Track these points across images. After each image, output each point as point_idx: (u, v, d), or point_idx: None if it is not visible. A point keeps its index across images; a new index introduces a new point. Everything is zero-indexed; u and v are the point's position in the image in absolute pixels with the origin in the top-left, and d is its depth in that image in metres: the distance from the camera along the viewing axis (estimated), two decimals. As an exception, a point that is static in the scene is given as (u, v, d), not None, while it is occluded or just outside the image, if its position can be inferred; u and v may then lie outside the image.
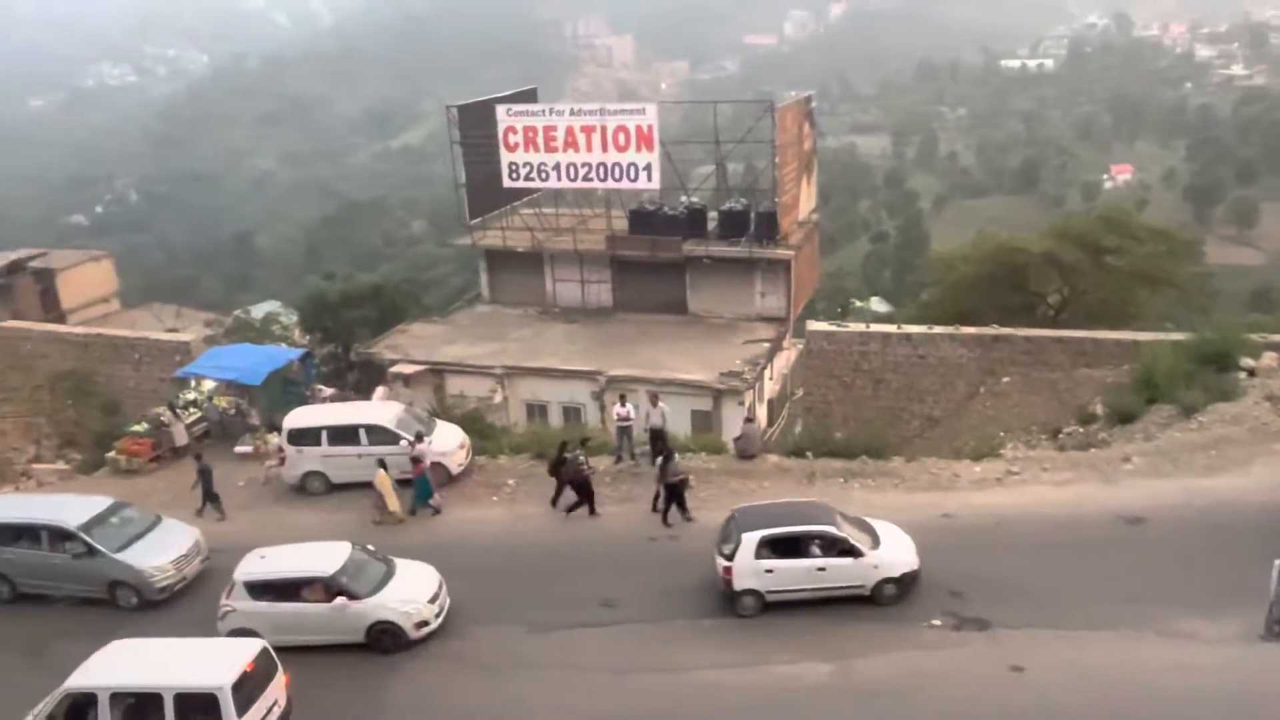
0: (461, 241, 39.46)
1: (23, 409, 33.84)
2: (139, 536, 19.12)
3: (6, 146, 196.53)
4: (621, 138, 34.00)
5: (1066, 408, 26.94)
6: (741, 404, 29.13)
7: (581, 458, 20.64)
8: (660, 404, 22.90)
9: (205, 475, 22.20)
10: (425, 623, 16.63)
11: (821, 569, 16.44)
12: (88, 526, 18.87)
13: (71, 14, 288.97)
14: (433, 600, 16.87)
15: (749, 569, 16.45)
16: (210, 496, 22.24)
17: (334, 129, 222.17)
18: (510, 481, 22.70)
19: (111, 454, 25.91)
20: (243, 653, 14.19)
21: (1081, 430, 24.70)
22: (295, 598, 16.60)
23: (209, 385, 27.81)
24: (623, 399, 23.57)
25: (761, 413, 31.30)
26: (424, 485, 21.33)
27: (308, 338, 40.66)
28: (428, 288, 61.73)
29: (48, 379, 35.46)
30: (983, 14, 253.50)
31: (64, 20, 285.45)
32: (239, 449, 25.63)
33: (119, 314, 49.15)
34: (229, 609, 16.78)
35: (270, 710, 14.05)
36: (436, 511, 21.35)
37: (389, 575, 17.10)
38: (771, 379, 33.72)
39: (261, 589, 16.70)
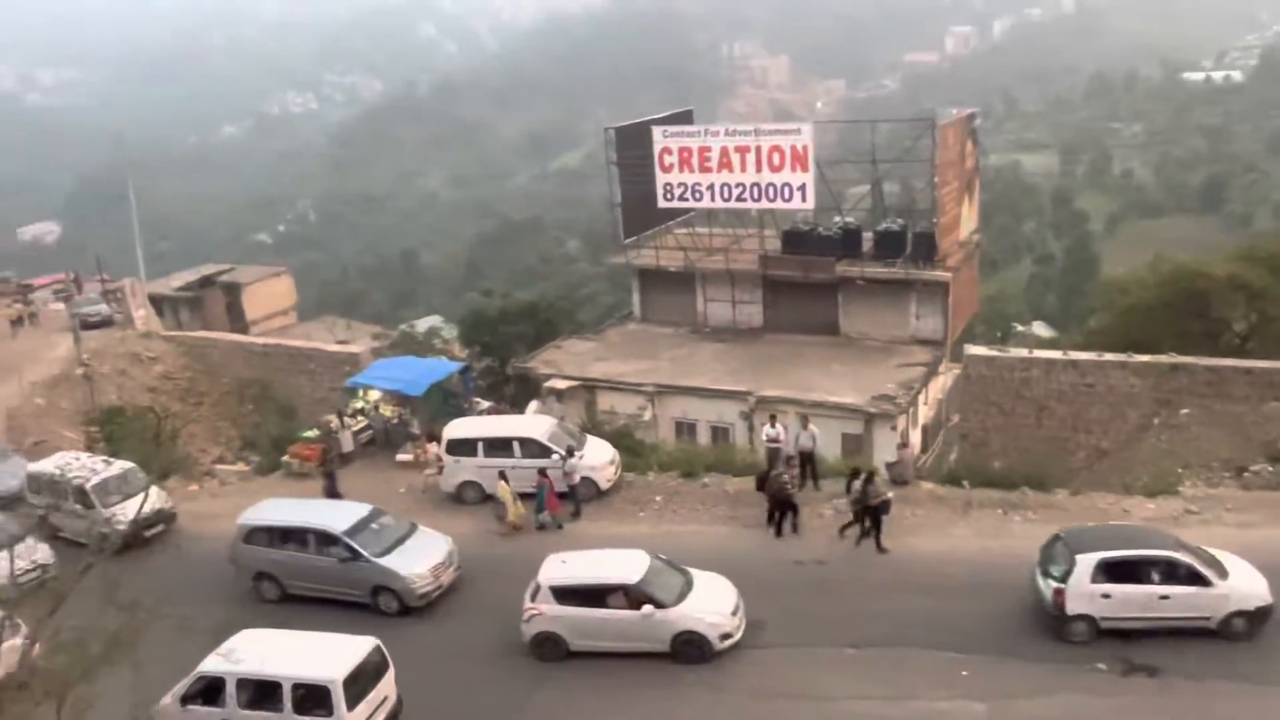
0: (615, 260, 40.12)
1: (210, 413, 36.39)
2: (399, 543, 19.35)
3: (203, 170, 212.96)
4: (776, 158, 33.88)
5: (1253, 444, 25.06)
6: (894, 429, 28.42)
7: (785, 477, 20.30)
8: (811, 426, 22.61)
9: (330, 478, 23.91)
10: (729, 635, 16.51)
11: (1164, 597, 15.65)
12: (352, 531, 19.22)
13: (261, 46, 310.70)
14: (734, 612, 16.76)
15: (1084, 593, 15.77)
16: (333, 496, 23.56)
17: (497, 152, 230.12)
18: (657, 498, 22.85)
19: (285, 458, 27.54)
20: (357, 650, 14.93)
21: (1270, 469, 22.91)
22: (600, 604, 16.63)
23: (375, 395, 29.14)
24: (772, 420, 23.39)
25: (915, 438, 30.41)
26: (543, 497, 21.73)
27: (467, 352, 42.11)
28: (581, 305, 63.08)
29: (232, 386, 38.04)
30: (1162, 25, 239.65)
31: (254, 52, 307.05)
32: (400, 456, 26.81)
33: (296, 326, 52.37)
34: (535, 612, 16.89)
35: (380, 705, 14.83)
36: (559, 526, 21.67)
37: (689, 585, 16.99)
38: (926, 404, 32.74)
39: (567, 594, 16.77)
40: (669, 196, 36.32)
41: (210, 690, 14.84)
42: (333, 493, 23.72)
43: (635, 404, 32.23)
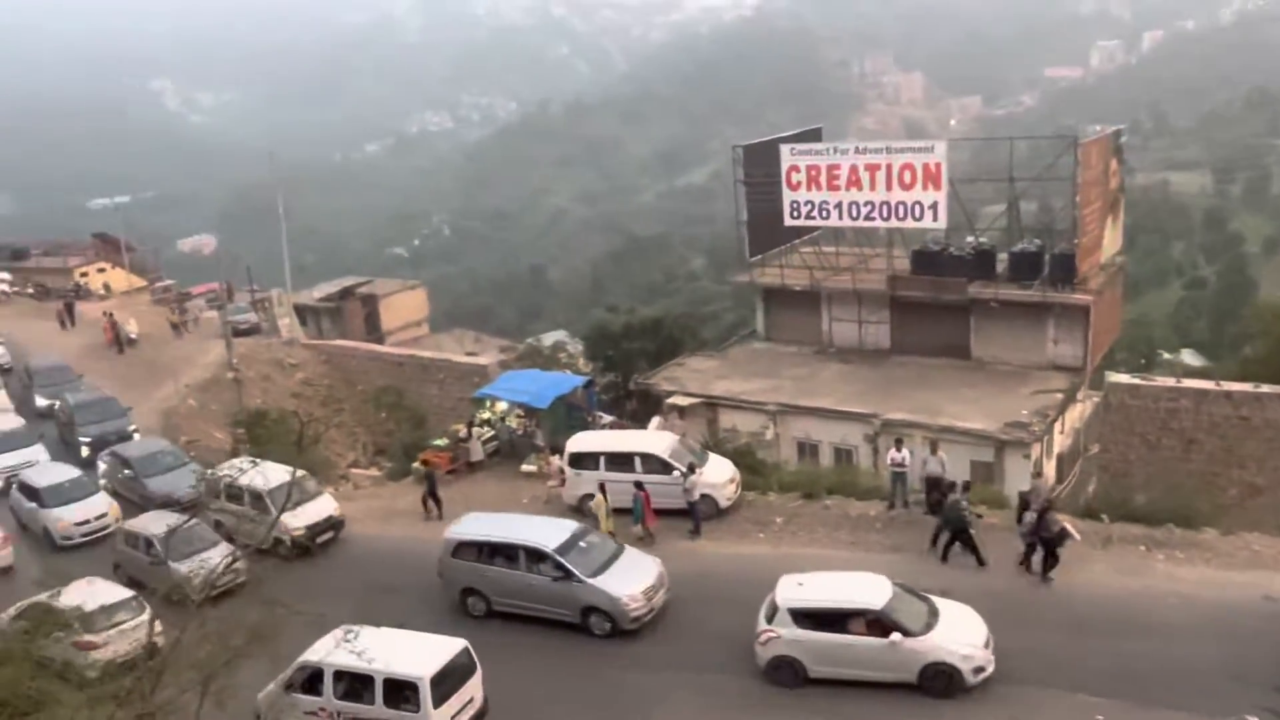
0: (740, 278, 40.01)
1: (348, 419, 37.96)
2: (609, 563, 18.91)
3: (346, 186, 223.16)
4: (907, 176, 33.18)
5: None
6: (1027, 457, 27.33)
7: (964, 504, 19.69)
8: (939, 452, 22.00)
9: (430, 480, 25.27)
10: (982, 668, 15.69)
11: None
12: (563, 549, 18.82)
13: (403, 69, 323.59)
14: (986, 645, 15.97)
15: None
16: (435, 498, 24.93)
17: (624, 169, 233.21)
18: (778, 519, 22.62)
19: (416, 464, 28.45)
20: (445, 649, 15.52)
21: None
22: (842, 629, 15.99)
23: (502, 406, 29.83)
24: (898, 444, 22.87)
25: (1050, 468, 29.17)
26: (639, 511, 21.82)
27: (591, 366, 42.65)
28: (705, 323, 62.96)
29: (368, 393, 39.60)
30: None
31: (396, 74, 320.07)
32: (525, 467, 27.36)
33: (428, 337, 54.16)
34: (772, 635, 16.33)
35: (466, 706, 15.33)
36: (650, 536, 21.68)
37: (935, 613, 16.29)
38: (1062, 432, 31.36)
39: (806, 617, 16.18)
40: (796, 215, 36.03)
41: (311, 680, 15.61)
42: (434, 494, 24.89)
43: (757, 423, 31.99)
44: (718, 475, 23.21)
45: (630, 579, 18.57)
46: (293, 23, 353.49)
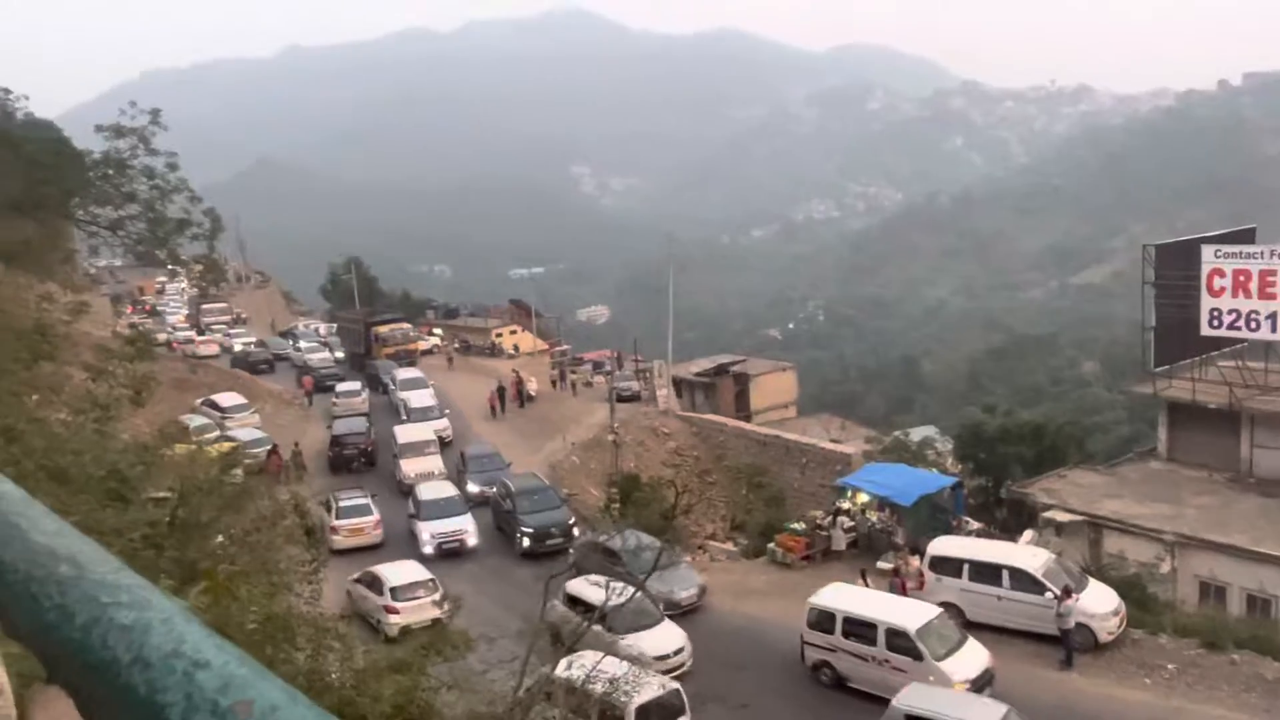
0: (1140, 389, 36.33)
1: (712, 491, 39.21)
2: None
3: (731, 268, 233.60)
4: (1365, 288, 28.45)
5: None
6: None
7: None
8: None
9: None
10: None
11: None
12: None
13: (795, 158, 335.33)
14: None
15: None
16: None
17: (1012, 264, 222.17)
18: (1169, 666, 19.89)
19: (771, 545, 28.63)
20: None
21: None
22: None
23: (863, 498, 29.26)
24: (1334, 601, 19.30)
25: None
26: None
27: (960, 467, 40.69)
28: (1091, 433, 57.69)
29: (735, 469, 40.66)
30: None
31: (788, 164, 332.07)
32: (881, 564, 26.50)
33: (794, 420, 54.64)
34: None
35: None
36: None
37: None
38: None
39: None
40: (1215, 323, 32.11)
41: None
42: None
43: (1150, 552, 28.50)
44: (1099, 604, 20.94)
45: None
46: (698, 116, 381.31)
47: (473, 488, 33.27)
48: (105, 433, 13.05)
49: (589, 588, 20.72)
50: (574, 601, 20.88)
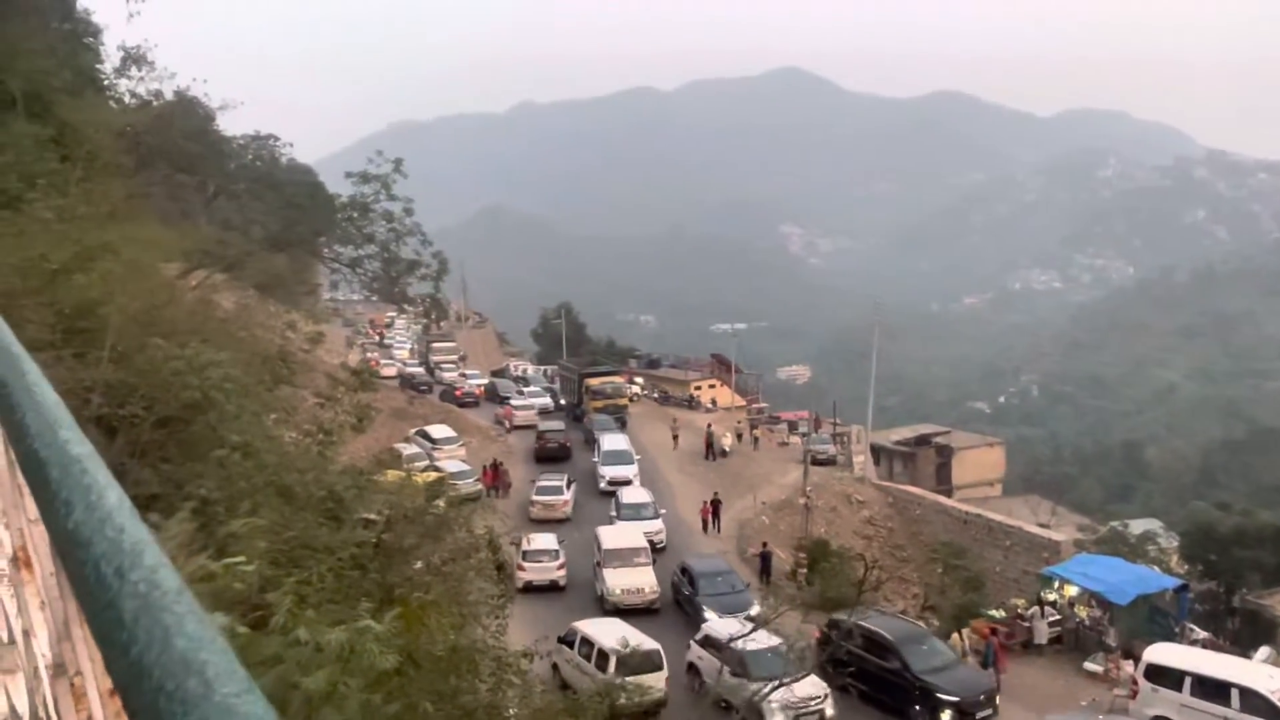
0: None
1: (905, 569, 37.69)
2: None
3: (939, 336, 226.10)
4: None
5: None
6: None
7: None
8: None
9: None
10: None
11: None
12: None
13: (1015, 225, 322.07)
14: None
15: None
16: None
17: (1259, 348, 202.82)
18: None
19: (965, 629, 27.04)
20: None
21: None
22: None
23: (1072, 591, 27.27)
24: None
25: None
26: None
27: (1186, 568, 37.29)
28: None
29: (931, 545, 38.94)
30: None
31: (1007, 231, 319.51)
32: (1088, 665, 24.57)
33: (999, 499, 51.92)
34: None
35: None
36: None
37: None
38: None
39: None
40: None
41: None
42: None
43: None
44: (1347, 742, 18.44)
45: None
46: (913, 180, 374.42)
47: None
48: (327, 455, 14.04)
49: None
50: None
